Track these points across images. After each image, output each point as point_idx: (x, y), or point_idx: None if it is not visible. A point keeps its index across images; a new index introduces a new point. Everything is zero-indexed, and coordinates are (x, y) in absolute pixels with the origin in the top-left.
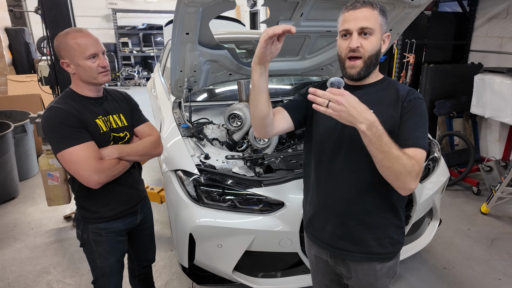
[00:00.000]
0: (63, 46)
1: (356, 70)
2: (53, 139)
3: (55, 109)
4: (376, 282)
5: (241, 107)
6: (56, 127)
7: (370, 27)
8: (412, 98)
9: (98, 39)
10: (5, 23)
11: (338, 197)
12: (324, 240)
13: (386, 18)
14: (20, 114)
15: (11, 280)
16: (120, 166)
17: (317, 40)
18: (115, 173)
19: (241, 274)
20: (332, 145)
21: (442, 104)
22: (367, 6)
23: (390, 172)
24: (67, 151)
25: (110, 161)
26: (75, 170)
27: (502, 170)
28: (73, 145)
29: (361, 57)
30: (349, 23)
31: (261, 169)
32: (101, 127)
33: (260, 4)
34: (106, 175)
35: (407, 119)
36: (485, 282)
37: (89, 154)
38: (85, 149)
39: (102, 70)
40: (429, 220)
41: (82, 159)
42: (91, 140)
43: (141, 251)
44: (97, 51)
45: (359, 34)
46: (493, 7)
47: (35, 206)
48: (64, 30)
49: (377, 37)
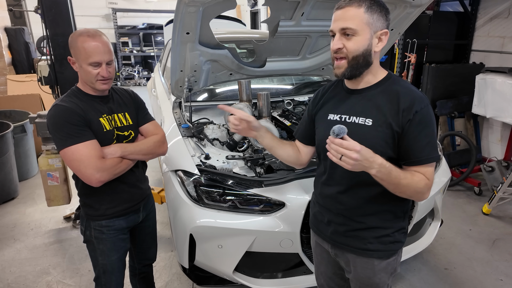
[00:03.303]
0: (73, 45)
1: (341, 71)
2: (57, 136)
3: (60, 107)
4: (374, 277)
5: (242, 107)
6: (60, 125)
7: (351, 28)
8: (419, 109)
9: (110, 47)
10: (5, 23)
11: (339, 201)
12: (326, 234)
13: (379, 14)
14: (19, 114)
15: (11, 280)
16: (123, 164)
17: (318, 39)
18: (117, 172)
19: (242, 274)
20: None
21: (444, 104)
22: (352, 4)
23: (403, 195)
24: (70, 149)
25: (112, 159)
26: (77, 168)
27: (503, 170)
28: (76, 143)
29: (345, 57)
30: (334, 23)
31: (262, 170)
32: (105, 126)
33: (261, 4)
34: (108, 173)
35: (418, 133)
36: (487, 283)
37: (91, 153)
38: (88, 147)
39: (101, 79)
40: (430, 220)
41: (84, 157)
42: (94, 138)
43: (143, 249)
44: (101, 60)
45: (342, 35)
46: (494, 6)
47: (35, 206)
48: (82, 29)
49: (363, 36)
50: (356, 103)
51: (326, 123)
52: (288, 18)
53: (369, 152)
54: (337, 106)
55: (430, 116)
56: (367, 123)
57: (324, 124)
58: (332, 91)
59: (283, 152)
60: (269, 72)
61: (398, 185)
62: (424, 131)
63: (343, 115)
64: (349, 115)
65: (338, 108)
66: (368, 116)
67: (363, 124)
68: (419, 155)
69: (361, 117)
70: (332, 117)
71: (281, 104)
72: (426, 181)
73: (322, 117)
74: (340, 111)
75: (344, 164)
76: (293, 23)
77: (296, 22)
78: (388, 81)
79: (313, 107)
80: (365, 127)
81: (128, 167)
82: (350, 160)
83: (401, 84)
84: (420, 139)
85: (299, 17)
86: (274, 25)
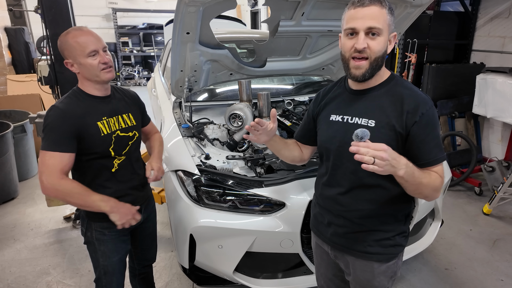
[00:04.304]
0: (65, 45)
1: (361, 72)
2: (44, 136)
3: (57, 110)
4: (373, 280)
5: (242, 107)
6: (50, 128)
7: (378, 27)
8: (424, 111)
9: (99, 36)
10: (5, 23)
11: (339, 202)
12: (326, 235)
13: (394, 17)
14: (19, 114)
15: (11, 281)
16: (75, 197)
17: (318, 39)
18: (66, 199)
19: (242, 275)
20: (333, 154)
21: (444, 104)
22: (376, 4)
23: (420, 196)
24: (46, 152)
25: (72, 185)
26: (40, 170)
27: (504, 171)
28: (52, 150)
29: (368, 57)
30: (356, 21)
31: (262, 170)
32: (102, 130)
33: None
34: (56, 193)
35: (425, 136)
36: (487, 283)
37: (58, 166)
38: (58, 159)
39: (104, 67)
40: (431, 220)
41: (50, 166)
42: (73, 152)
43: (142, 250)
44: (97, 48)
45: (366, 34)
46: (495, 6)
47: (35, 206)
48: (66, 30)
49: (385, 37)
50: (359, 104)
51: (328, 124)
52: (288, 18)
53: (393, 151)
54: (340, 107)
55: (435, 118)
56: (370, 124)
57: (326, 125)
58: (334, 92)
59: (288, 153)
60: (270, 72)
61: (419, 185)
62: (431, 134)
63: (345, 116)
64: (351, 116)
65: (340, 109)
66: (371, 117)
67: (365, 125)
68: (428, 157)
69: (364, 118)
70: (334, 118)
71: (282, 104)
72: (440, 178)
73: (325, 118)
74: (343, 112)
75: (376, 168)
76: (293, 23)
77: (297, 22)
78: (392, 82)
79: (314, 108)
80: (367, 128)
81: (80, 203)
82: (381, 162)
83: (404, 85)
84: (428, 142)
85: (299, 17)
86: (274, 25)
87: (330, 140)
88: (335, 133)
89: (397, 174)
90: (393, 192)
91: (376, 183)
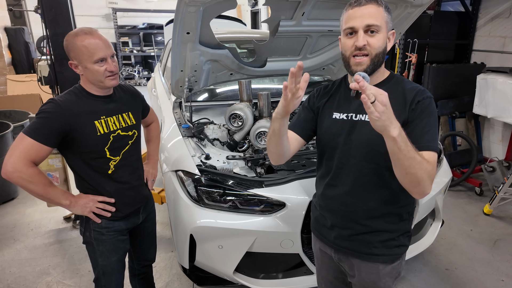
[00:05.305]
0: (72, 47)
1: (363, 68)
2: (32, 122)
3: (53, 104)
4: (378, 281)
5: (242, 107)
6: (41, 117)
7: (376, 24)
8: (420, 99)
9: (108, 41)
10: (5, 23)
11: (343, 202)
12: (330, 238)
13: (391, 15)
14: (19, 114)
15: (11, 281)
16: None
17: (318, 39)
18: (27, 187)
19: (242, 275)
20: (338, 152)
21: (445, 104)
22: (372, 2)
23: (413, 179)
24: (27, 137)
25: (37, 175)
26: (10, 152)
27: (505, 171)
28: (30, 137)
29: (368, 54)
30: (355, 20)
31: (262, 170)
32: (99, 129)
33: (261, 4)
34: (18, 179)
35: (418, 121)
36: (488, 284)
37: (28, 153)
38: (32, 148)
39: (110, 74)
40: (431, 221)
41: (24, 152)
42: (51, 147)
43: (142, 250)
44: (106, 55)
45: (365, 32)
46: (495, 6)
47: (35, 206)
48: (75, 29)
49: (384, 34)
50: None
51: (331, 122)
52: (288, 18)
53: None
54: (342, 105)
55: (432, 107)
56: None
57: (329, 123)
58: (336, 90)
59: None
60: (270, 72)
61: (413, 161)
62: (425, 120)
63: (350, 113)
64: (355, 113)
65: (343, 107)
66: None
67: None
68: (419, 140)
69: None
70: (338, 116)
71: None
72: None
73: (327, 115)
74: (346, 110)
75: (373, 111)
76: (293, 23)
77: (297, 22)
78: (393, 79)
79: (315, 102)
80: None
81: (40, 193)
82: (380, 106)
83: (405, 81)
84: (421, 128)
85: (299, 17)
86: (274, 25)
87: (335, 138)
88: (340, 131)
89: (391, 134)
90: (397, 190)
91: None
